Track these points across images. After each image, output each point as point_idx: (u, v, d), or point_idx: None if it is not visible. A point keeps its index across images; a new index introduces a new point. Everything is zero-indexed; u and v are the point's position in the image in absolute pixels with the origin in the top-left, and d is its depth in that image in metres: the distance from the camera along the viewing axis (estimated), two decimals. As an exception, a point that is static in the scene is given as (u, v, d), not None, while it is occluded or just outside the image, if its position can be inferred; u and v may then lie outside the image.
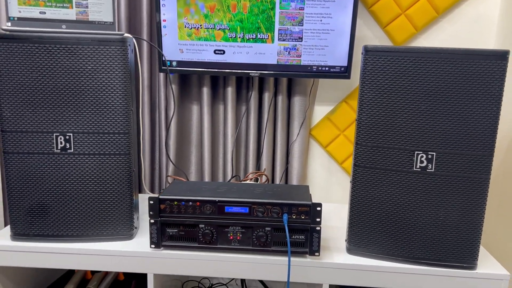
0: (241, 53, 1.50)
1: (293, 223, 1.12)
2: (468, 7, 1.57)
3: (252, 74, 1.52)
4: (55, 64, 1.13)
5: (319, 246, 1.12)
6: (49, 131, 1.15)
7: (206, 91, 1.60)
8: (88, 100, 1.15)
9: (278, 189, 1.23)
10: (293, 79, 1.61)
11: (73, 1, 1.19)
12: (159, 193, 1.71)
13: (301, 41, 1.49)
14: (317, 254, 1.12)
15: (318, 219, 1.11)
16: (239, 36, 1.48)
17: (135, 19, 1.61)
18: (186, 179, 1.63)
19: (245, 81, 1.64)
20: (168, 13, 1.47)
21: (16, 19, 1.18)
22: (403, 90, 1.07)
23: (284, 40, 1.49)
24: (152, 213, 1.14)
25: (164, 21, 1.48)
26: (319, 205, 1.10)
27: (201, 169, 1.68)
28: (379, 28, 1.61)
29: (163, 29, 1.49)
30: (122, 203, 1.20)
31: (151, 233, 1.14)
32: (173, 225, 1.15)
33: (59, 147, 1.16)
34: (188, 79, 1.65)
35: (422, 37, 1.61)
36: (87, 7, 1.21)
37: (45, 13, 1.19)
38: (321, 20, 1.46)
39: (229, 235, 1.15)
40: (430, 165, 1.08)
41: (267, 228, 1.13)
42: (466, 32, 1.60)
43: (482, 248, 1.24)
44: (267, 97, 1.61)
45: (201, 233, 1.14)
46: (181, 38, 1.50)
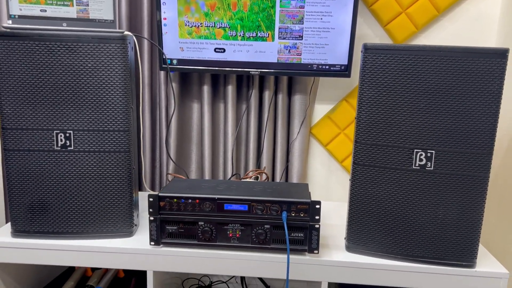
0: (241, 51, 1.50)
1: (292, 220, 1.12)
2: (469, 6, 1.57)
3: (253, 73, 1.52)
4: (56, 61, 1.13)
5: (318, 244, 1.12)
6: (49, 129, 1.16)
7: (207, 89, 1.61)
8: (88, 97, 1.15)
9: (277, 187, 1.23)
10: (293, 77, 1.61)
11: (74, -1, 1.20)
12: (159, 191, 1.71)
13: (302, 39, 1.49)
14: (316, 252, 1.12)
15: (317, 217, 1.11)
16: (239, 35, 1.48)
17: (136, 17, 1.61)
18: (187, 177, 1.64)
19: (246, 79, 1.64)
20: (169, 11, 1.47)
21: (17, 17, 1.19)
22: (402, 88, 1.07)
23: (284, 39, 1.49)
24: (151, 210, 1.14)
25: (165, 19, 1.48)
26: (318, 203, 1.10)
27: (201, 167, 1.69)
28: (379, 26, 1.61)
29: (163, 27, 1.49)
30: (122, 200, 1.20)
31: (150, 230, 1.15)
32: (172, 222, 1.15)
33: (59, 145, 1.16)
34: (189, 77, 1.65)
35: (423, 35, 1.61)
36: (87, 5, 1.21)
37: (46, 11, 1.20)
38: (321, 19, 1.46)
39: (228, 232, 1.15)
40: (429, 163, 1.08)
41: (266, 226, 1.13)
42: (467, 31, 1.59)
43: (481, 247, 1.24)
44: (267, 95, 1.61)
45: (200, 231, 1.15)
46: (181, 36, 1.50)
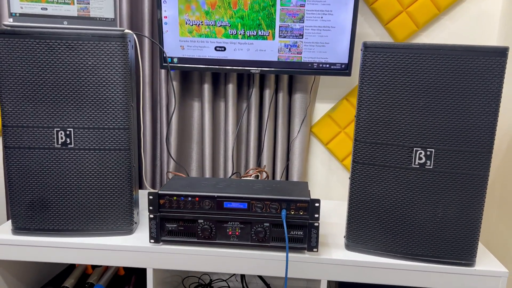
0: (242, 50, 1.51)
1: (291, 219, 1.12)
2: (470, 5, 1.57)
3: (253, 71, 1.52)
4: (56, 59, 1.13)
5: (317, 242, 1.12)
6: (49, 126, 1.16)
7: (207, 88, 1.61)
8: (88, 95, 1.15)
9: (277, 185, 1.23)
10: (294, 76, 1.61)
11: (74, -3, 1.21)
12: (159, 189, 1.71)
13: (302, 38, 1.49)
14: (315, 250, 1.12)
15: (316, 215, 1.11)
16: (240, 33, 1.49)
17: (137, 15, 1.62)
18: (187, 175, 1.64)
19: (246, 78, 1.64)
20: (169, 9, 1.47)
21: (18, 15, 1.19)
22: (402, 86, 1.07)
23: (285, 37, 1.49)
24: (151, 208, 1.14)
25: (165, 17, 1.48)
26: (318, 201, 1.10)
27: (202, 165, 1.69)
28: (380, 25, 1.61)
29: (164, 26, 1.49)
30: (122, 198, 1.21)
31: (150, 228, 1.15)
32: (172, 220, 1.16)
33: (59, 142, 1.17)
34: (189, 75, 1.65)
35: (424, 34, 1.61)
36: (88, 3, 1.22)
37: (46, 9, 1.20)
38: (321, 17, 1.46)
39: (228, 230, 1.15)
40: (428, 162, 1.08)
41: (265, 224, 1.13)
42: (467, 30, 1.59)
43: (481, 245, 1.24)
44: (268, 94, 1.61)
45: (200, 229, 1.15)
46: (182, 34, 1.50)
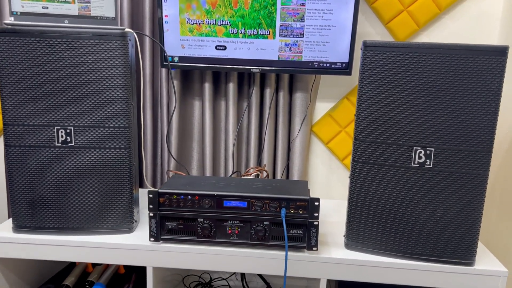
0: (242, 49, 1.51)
1: (291, 217, 1.12)
2: (471, 4, 1.56)
3: (254, 70, 1.52)
4: (56, 58, 1.14)
5: (317, 240, 1.12)
6: (50, 125, 1.16)
7: (208, 87, 1.61)
8: (88, 94, 1.16)
9: (276, 184, 1.23)
10: (294, 75, 1.61)
11: (75, -4, 1.21)
12: (159, 187, 1.71)
13: (303, 37, 1.49)
14: (315, 248, 1.13)
15: (316, 214, 1.11)
16: (240, 32, 1.49)
17: (137, 14, 1.62)
18: (187, 174, 1.64)
19: (247, 77, 1.64)
20: (170, 8, 1.48)
21: (18, 13, 1.20)
22: (402, 85, 1.07)
23: (285, 36, 1.49)
24: (151, 206, 1.15)
25: (166, 16, 1.49)
26: (317, 200, 1.10)
27: (202, 164, 1.69)
28: (381, 24, 1.60)
29: (165, 25, 1.50)
30: (122, 196, 1.21)
31: (150, 227, 1.15)
32: (172, 218, 1.16)
33: (60, 141, 1.17)
34: (190, 74, 1.65)
35: (425, 34, 1.60)
36: (89, 2, 1.22)
37: (47, 8, 1.20)
38: (322, 16, 1.46)
39: (227, 229, 1.15)
40: (428, 161, 1.08)
41: (265, 223, 1.14)
42: (468, 29, 1.59)
43: (480, 245, 1.24)
44: (268, 93, 1.61)
45: (200, 227, 1.15)
46: (182, 33, 1.50)
